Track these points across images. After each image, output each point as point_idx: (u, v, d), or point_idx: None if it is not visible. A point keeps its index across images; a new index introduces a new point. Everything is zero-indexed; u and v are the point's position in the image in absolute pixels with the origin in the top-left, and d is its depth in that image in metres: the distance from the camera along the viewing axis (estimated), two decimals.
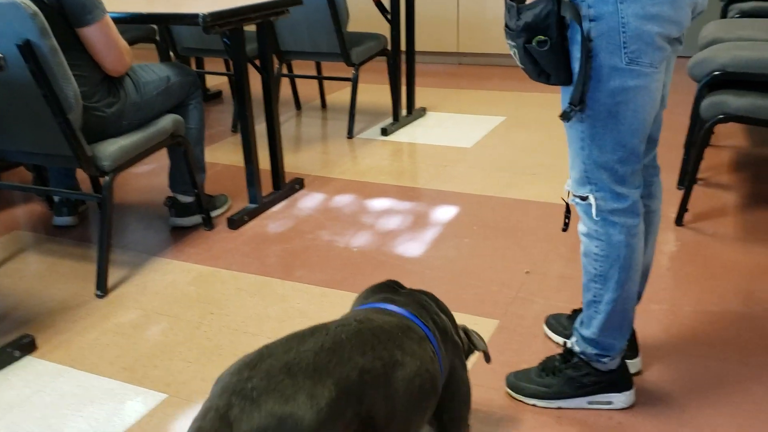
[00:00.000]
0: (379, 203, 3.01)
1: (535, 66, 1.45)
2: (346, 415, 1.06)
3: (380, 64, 4.41)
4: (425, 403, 1.26)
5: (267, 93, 2.91)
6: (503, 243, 2.60)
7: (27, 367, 1.99)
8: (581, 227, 1.60)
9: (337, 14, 3.64)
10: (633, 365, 1.76)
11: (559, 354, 1.72)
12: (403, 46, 4.01)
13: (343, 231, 2.76)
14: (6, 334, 2.12)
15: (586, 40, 1.35)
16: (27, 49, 2.00)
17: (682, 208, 2.66)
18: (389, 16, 3.90)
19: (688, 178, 2.66)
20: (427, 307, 1.42)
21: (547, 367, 1.71)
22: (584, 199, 1.54)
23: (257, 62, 2.94)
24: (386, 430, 1.15)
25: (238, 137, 4.02)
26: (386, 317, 1.29)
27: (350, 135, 3.96)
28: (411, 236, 2.69)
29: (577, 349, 1.67)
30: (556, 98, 1.56)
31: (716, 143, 3.51)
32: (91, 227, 2.91)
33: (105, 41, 2.23)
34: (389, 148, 3.76)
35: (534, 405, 1.70)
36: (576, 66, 1.40)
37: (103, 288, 2.34)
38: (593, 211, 1.53)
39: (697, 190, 2.92)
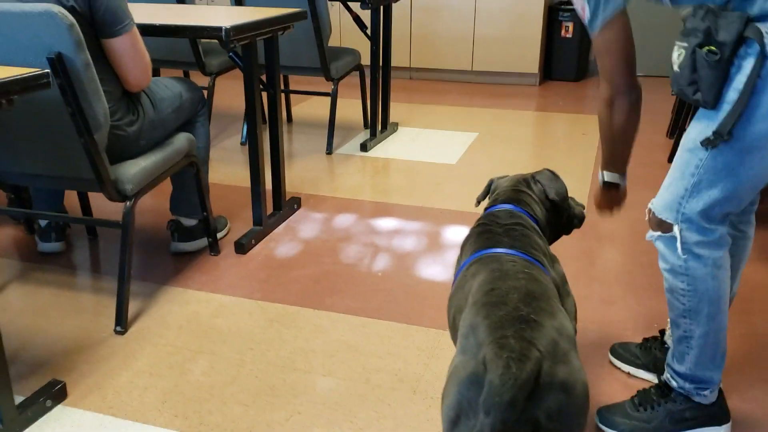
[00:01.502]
0: (385, 223, 2.93)
1: (692, 74, 1.38)
2: None
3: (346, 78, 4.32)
4: None
5: (273, 109, 2.77)
6: None
7: (62, 418, 1.77)
8: (662, 263, 1.57)
9: (320, 29, 3.53)
10: None
11: (655, 387, 1.70)
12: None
13: (359, 254, 2.65)
14: (23, 379, 1.90)
15: (756, 74, 1.31)
16: (59, 63, 1.80)
17: None
18: (369, 32, 3.82)
19: None
20: (528, 241, 1.55)
21: (643, 400, 1.68)
22: (667, 230, 1.52)
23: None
24: None
25: (219, 153, 3.83)
26: (512, 257, 1.46)
27: (329, 151, 3.85)
28: (433, 258, 2.62)
29: (674, 384, 1.65)
30: (524, 115, 1.54)
31: None
32: (77, 253, 2.67)
33: (133, 53, 2.05)
34: (373, 164, 3.67)
35: None
36: (732, 95, 1.35)
37: (123, 323, 2.14)
38: (678, 245, 1.50)
39: None
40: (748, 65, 1.32)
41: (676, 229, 1.50)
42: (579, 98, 5.15)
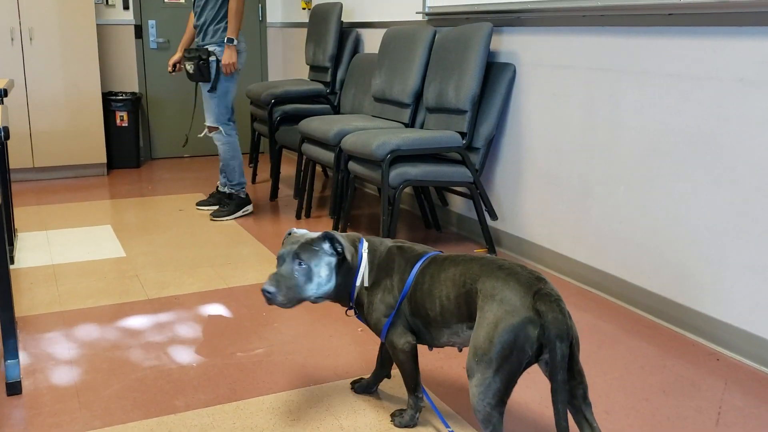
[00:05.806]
0: (138, 321, 2.74)
1: (200, 74, 3.97)
2: None
3: None
4: None
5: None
6: (312, 316, 2.81)
7: None
8: (219, 143, 4.12)
9: None
10: None
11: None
12: None
13: (150, 355, 2.47)
14: None
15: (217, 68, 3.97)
16: None
17: None
18: None
19: (390, 234, 3.37)
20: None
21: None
22: (216, 130, 4.07)
23: None
24: None
25: None
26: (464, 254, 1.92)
27: None
28: (225, 335, 2.62)
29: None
30: (123, 202, 2.17)
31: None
32: None
33: None
34: (44, 274, 3.26)
35: None
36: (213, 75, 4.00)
37: None
38: (223, 133, 4.09)
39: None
40: (214, 64, 4.03)
41: (222, 128, 4.07)
42: (153, 182, 5.32)
